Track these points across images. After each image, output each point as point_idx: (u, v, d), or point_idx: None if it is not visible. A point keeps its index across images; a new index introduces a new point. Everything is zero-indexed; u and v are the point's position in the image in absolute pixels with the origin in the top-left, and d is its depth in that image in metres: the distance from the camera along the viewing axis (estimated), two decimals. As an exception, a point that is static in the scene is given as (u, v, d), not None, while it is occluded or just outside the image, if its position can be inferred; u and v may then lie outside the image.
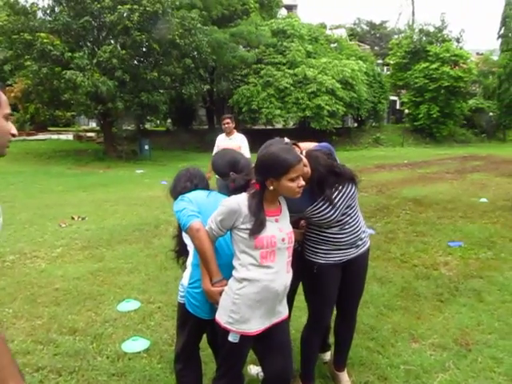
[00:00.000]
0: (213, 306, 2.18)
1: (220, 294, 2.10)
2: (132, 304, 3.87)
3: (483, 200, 8.95)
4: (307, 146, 2.45)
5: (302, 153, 2.35)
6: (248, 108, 21.56)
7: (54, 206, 8.39)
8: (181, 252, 2.44)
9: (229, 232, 2.11)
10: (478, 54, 39.03)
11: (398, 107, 34.68)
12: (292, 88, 21.48)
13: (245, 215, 2.01)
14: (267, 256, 2.03)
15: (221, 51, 19.67)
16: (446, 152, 22.12)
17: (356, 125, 28.84)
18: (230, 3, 21.37)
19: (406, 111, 28.61)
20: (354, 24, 49.21)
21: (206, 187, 2.46)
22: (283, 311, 2.20)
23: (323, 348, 3.03)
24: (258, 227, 1.99)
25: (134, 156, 18.71)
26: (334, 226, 2.46)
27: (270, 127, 25.75)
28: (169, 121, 27.13)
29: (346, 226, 2.48)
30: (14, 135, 1.45)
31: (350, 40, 32.83)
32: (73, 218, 7.24)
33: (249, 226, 2.01)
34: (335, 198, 2.40)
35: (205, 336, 2.52)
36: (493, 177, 12.67)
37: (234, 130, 6.32)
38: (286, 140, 2.31)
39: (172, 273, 4.62)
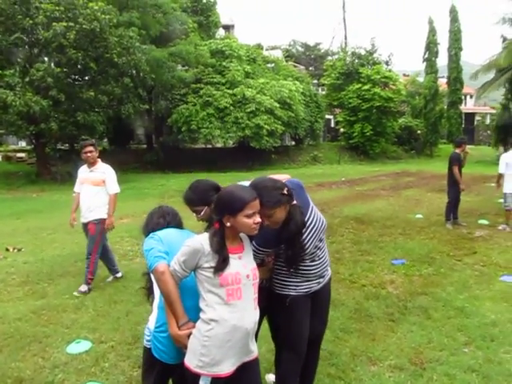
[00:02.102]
0: (180, 350, 2.11)
1: (188, 337, 2.05)
2: (82, 345, 3.64)
3: (419, 216, 9.45)
4: (280, 178, 2.48)
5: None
6: (187, 128, 21.42)
7: (-15, 236, 7.79)
8: (152, 289, 2.36)
9: None
10: (404, 75, 41.68)
11: (333, 126, 36.05)
12: (231, 108, 21.67)
13: (208, 253, 2.02)
14: (233, 293, 2.03)
15: (159, 70, 19.48)
16: (379, 168, 23.20)
17: (294, 143, 29.53)
18: (169, 22, 21.29)
19: (342, 130, 29.79)
20: (290, 45, 50.75)
21: (179, 225, 2.41)
22: (254, 350, 2.18)
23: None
24: (221, 264, 2.01)
25: (69, 178, 17.74)
26: (307, 259, 2.52)
27: (210, 146, 25.73)
28: (105, 140, 26.25)
29: (316, 258, 2.57)
30: None
31: (286, 61, 33.75)
32: (7, 250, 6.76)
33: (212, 264, 2.01)
34: (306, 235, 2.45)
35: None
36: (425, 192, 13.43)
37: (98, 160, 5.20)
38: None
39: (122, 307, 4.43)
